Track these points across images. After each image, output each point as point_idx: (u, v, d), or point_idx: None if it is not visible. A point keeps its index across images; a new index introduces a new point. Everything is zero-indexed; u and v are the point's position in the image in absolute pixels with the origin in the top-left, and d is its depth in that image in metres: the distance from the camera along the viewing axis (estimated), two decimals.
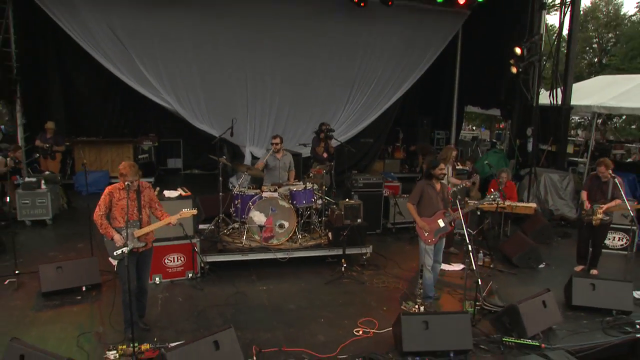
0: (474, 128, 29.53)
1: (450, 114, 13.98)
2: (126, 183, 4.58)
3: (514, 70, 9.47)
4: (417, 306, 5.47)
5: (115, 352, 4.41)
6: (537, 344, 4.79)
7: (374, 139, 13.62)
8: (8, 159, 8.58)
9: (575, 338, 5.08)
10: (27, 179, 8.42)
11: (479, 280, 5.24)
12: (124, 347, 4.47)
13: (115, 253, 4.67)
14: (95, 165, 11.37)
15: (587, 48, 31.05)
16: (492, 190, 6.69)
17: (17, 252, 6.50)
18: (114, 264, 4.78)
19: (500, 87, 11.58)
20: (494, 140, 16.13)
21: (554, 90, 10.36)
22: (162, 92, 11.05)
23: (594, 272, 6.87)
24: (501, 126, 22.35)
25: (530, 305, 5.07)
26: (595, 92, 11.19)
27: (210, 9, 10.62)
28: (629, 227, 7.86)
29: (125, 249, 4.58)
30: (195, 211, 4.95)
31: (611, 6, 31.19)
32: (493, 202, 6.79)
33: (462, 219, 5.55)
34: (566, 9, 10.19)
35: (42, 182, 8.43)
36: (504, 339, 4.86)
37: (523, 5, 10.85)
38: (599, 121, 23.67)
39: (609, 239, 7.87)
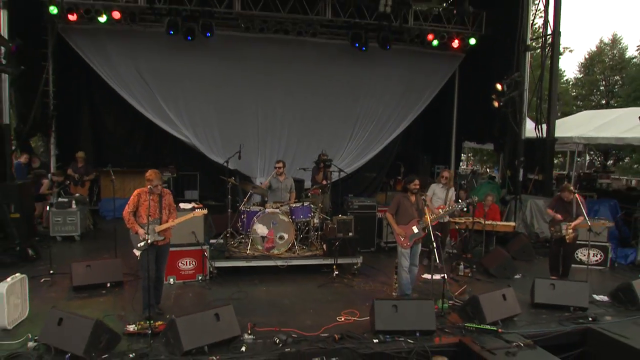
0: (488, 169, 30.30)
1: (449, 149, 15.01)
2: (149, 187, 5.69)
3: (496, 104, 10.54)
4: None
5: (134, 325, 5.37)
6: (495, 328, 5.59)
7: (377, 173, 14.66)
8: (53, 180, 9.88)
9: (532, 327, 5.85)
10: (59, 199, 9.61)
11: (445, 275, 6.10)
12: (142, 323, 5.43)
13: (139, 245, 5.70)
14: (119, 193, 12.45)
15: (595, 90, 32.14)
16: (459, 201, 7.58)
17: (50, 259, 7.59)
18: (137, 254, 5.81)
19: (493, 123, 12.56)
20: (493, 175, 16.99)
21: (540, 125, 11.35)
22: (182, 128, 12.39)
23: None
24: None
25: (490, 297, 5.91)
26: (578, 126, 12.16)
27: (228, 53, 12.09)
28: (604, 243, 8.68)
29: (147, 239, 5.62)
30: (206, 211, 6.02)
31: (616, 50, 32.53)
32: (462, 211, 7.64)
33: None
34: (547, 52, 11.32)
35: (73, 202, 9.61)
36: (466, 324, 5.68)
37: (510, 47, 12.03)
38: (610, 161, 24.55)
39: (584, 255, 8.61)
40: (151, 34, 11.70)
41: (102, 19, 11.00)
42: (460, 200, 7.44)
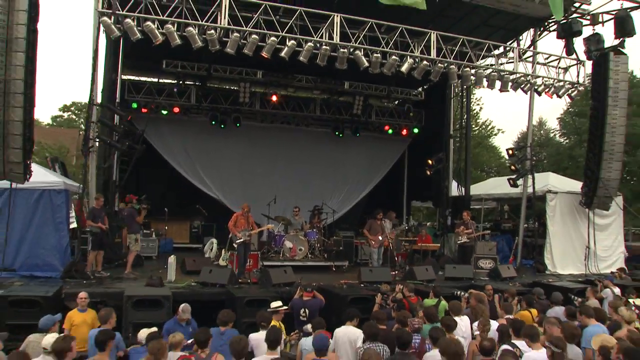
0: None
1: (402, 206, 21.42)
2: (244, 211, 11.62)
3: (428, 172, 17.05)
4: None
5: (240, 279, 11.09)
6: (421, 282, 11.58)
7: (349, 225, 20.77)
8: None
9: (441, 283, 11.87)
10: (145, 231, 15.11)
11: (395, 254, 12.15)
12: (242, 278, 11.14)
13: (237, 241, 11.51)
14: (163, 235, 17.96)
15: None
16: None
17: (147, 265, 13.06)
18: (236, 246, 11.59)
19: (431, 186, 19.06)
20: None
21: (460, 186, 17.97)
22: (213, 188, 18.24)
23: None
24: None
25: (419, 268, 11.97)
26: (487, 186, 19.03)
27: (249, 136, 18.29)
28: (494, 256, 14.89)
29: (242, 239, 11.44)
30: (272, 226, 11.95)
31: (543, 130, 41.26)
32: (402, 229, 13.79)
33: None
34: (463, 140, 18.19)
35: (153, 234, 15.20)
36: (407, 281, 11.66)
37: (440, 134, 18.83)
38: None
39: (484, 263, 14.78)
40: (197, 122, 17.88)
41: (165, 111, 17.17)
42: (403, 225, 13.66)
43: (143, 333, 6.33)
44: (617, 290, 10.65)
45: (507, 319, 7.58)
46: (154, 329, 6.52)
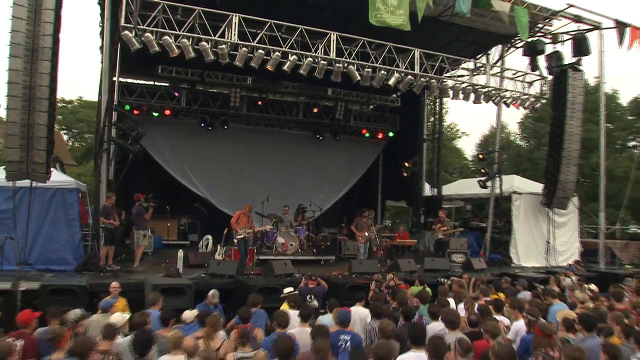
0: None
1: (377, 205, 22.94)
2: (246, 210, 12.81)
3: (405, 174, 18.61)
4: None
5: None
6: (405, 272, 13.06)
7: (329, 222, 22.16)
8: None
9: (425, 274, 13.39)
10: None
11: (376, 249, 13.60)
12: (246, 270, 12.34)
13: (238, 237, 12.70)
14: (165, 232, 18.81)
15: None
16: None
17: (146, 260, 14.07)
18: (236, 241, 12.76)
19: (404, 186, 20.65)
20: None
21: (433, 187, 19.63)
22: (200, 187, 19.24)
23: None
24: None
25: (403, 261, 13.45)
26: (457, 187, 20.83)
27: (236, 138, 19.39)
28: (465, 251, 16.56)
29: (242, 235, 12.63)
30: (271, 226, 13.18)
31: (504, 134, 43.69)
32: (383, 226, 15.31)
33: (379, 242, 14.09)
34: (436, 144, 19.85)
35: (149, 230, 16.12)
36: (392, 272, 13.10)
37: (414, 139, 20.46)
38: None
39: (456, 257, 16.42)
40: (186, 124, 18.87)
41: (156, 114, 18.10)
42: (383, 222, 15.12)
43: (188, 313, 7.48)
44: (576, 279, 12.43)
45: (486, 301, 9.11)
46: (195, 310, 7.69)
